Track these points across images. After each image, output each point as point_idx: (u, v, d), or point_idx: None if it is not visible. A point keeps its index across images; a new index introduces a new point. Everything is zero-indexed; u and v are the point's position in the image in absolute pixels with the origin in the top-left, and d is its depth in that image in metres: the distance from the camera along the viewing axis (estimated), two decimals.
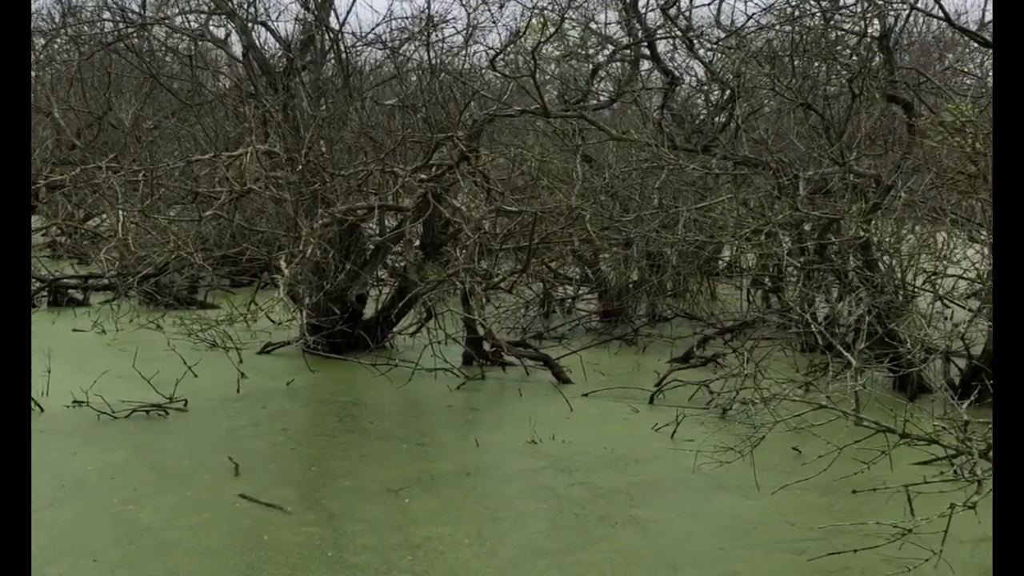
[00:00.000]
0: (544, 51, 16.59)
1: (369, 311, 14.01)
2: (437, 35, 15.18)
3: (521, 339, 13.48)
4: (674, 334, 14.57)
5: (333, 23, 15.19)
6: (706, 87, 15.01)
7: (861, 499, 7.42)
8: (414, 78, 13.91)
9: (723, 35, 13.94)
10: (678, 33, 14.09)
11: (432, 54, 13.88)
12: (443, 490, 8.04)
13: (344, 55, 14.60)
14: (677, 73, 15.11)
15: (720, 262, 17.87)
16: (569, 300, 16.72)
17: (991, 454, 5.91)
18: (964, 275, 12.17)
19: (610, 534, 7.20)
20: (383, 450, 9.15)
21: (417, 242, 13.22)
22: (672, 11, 14.42)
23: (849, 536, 6.87)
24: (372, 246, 13.66)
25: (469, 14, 20.20)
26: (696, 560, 6.79)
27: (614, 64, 17.05)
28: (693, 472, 8.42)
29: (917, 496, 6.52)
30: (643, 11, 14.53)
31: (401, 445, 9.32)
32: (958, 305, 12.51)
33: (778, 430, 7.85)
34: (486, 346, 12.68)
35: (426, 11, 20.51)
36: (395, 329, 13.94)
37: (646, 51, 15.18)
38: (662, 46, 15.42)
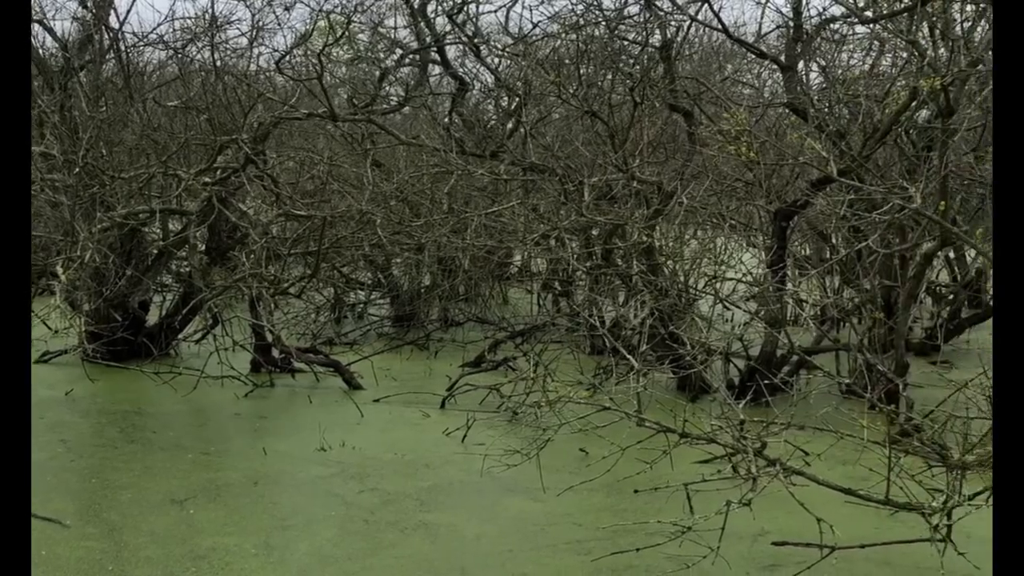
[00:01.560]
0: (334, 55, 16.47)
1: (152, 318, 13.65)
2: (221, 36, 14.86)
3: (311, 345, 13.33)
4: (466, 338, 14.65)
5: (113, 22, 14.76)
6: (495, 93, 15.13)
7: (645, 498, 7.60)
8: (198, 80, 13.58)
9: (511, 42, 14.09)
10: (465, 39, 14.16)
11: (216, 55, 13.58)
12: (229, 500, 7.88)
13: (125, 55, 14.16)
14: (467, 79, 15.19)
15: (512, 267, 18.05)
16: (361, 305, 16.62)
17: (765, 451, 6.12)
18: (743, 279, 12.60)
19: (400, 540, 7.19)
20: (167, 460, 8.91)
21: (202, 247, 12.92)
22: (461, 17, 14.49)
23: (633, 535, 7.02)
24: (155, 251, 13.29)
25: (254, 15, 19.92)
26: (485, 563, 6.84)
27: (405, 69, 17.05)
28: (483, 476, 8.47)
29: (696, 494, 6.70)
30: (432, 16, 14.55)
31: (186, 455, 9.10)
32: (738, 307, 12.94)
33: (568, 432, 7.97)
34: (275, 352, 12.50)
35: (209, 11, 20.06)
36: (180, 336, 13.61)
37: (436, 56, 15.21)
38: (453, 52, 15.49)
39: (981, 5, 10.23)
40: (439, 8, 14.47)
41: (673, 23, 11.87)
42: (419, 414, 10.83)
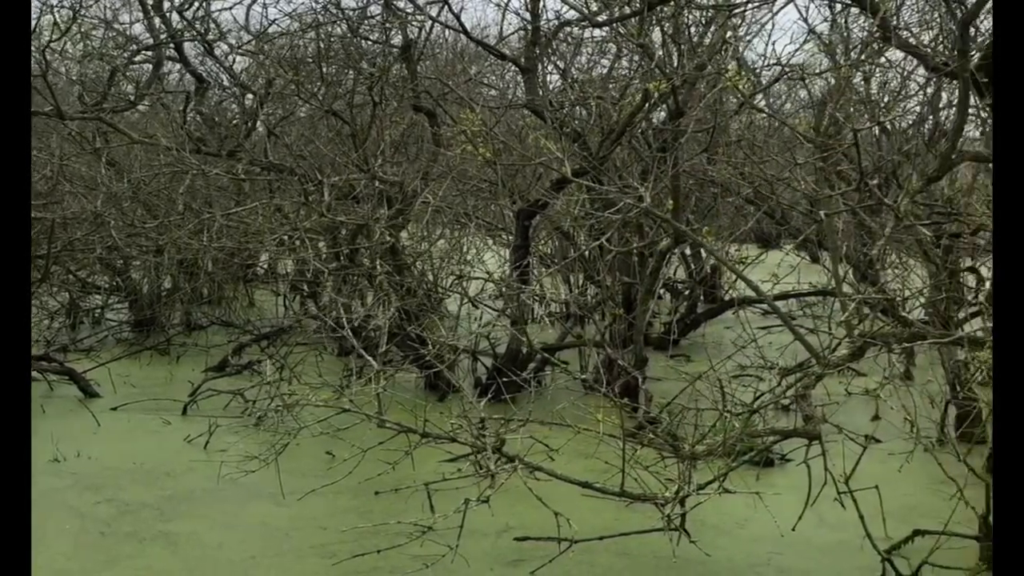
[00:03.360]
0: (68, 51, 15.79)
1: None
2: None
3: (44, 352, 12.72)
4: (210, 342, 14.29)
5: None
6: (236, 91, 14.80)
7: (391, 499, 7.57)
8: None
9: (249, 39, 13.83)
10: (196, 36, 13.81)
11: None
12: None
13: None
14: (207, 76, 14.80)
15: (258, 268, 17.71)
16: (98, 310, 15.99)
17: (505, 448, 6.19)
18: (490, 278, 12.74)
19: (138, 550, 7.01)
20: None
21: None
22: (200, 13, 14.13)
23: (378, 537, 6.99)
24: None
25: None
26: (227, 571, 6.73)
27: (145, 66, 16.46)
28: (226, 482, 8.31)
29: (442, 493, 6.73)
30: (168, 12, 14.11)
31: None
32: (486, 306, 13.09)
33: (314, 436, 7.90)
34: None
35: None
36: None
37: (175, 53, 14.77)
38: (194, 49, 15.04)
39: (710, 12, 10.65)
40: (172, 4, 14.04)
41: (415, 24, 11.89)
42: (159, 421, 10.52)
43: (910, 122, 12.86)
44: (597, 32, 12.15)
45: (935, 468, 7.39)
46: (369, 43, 12.65)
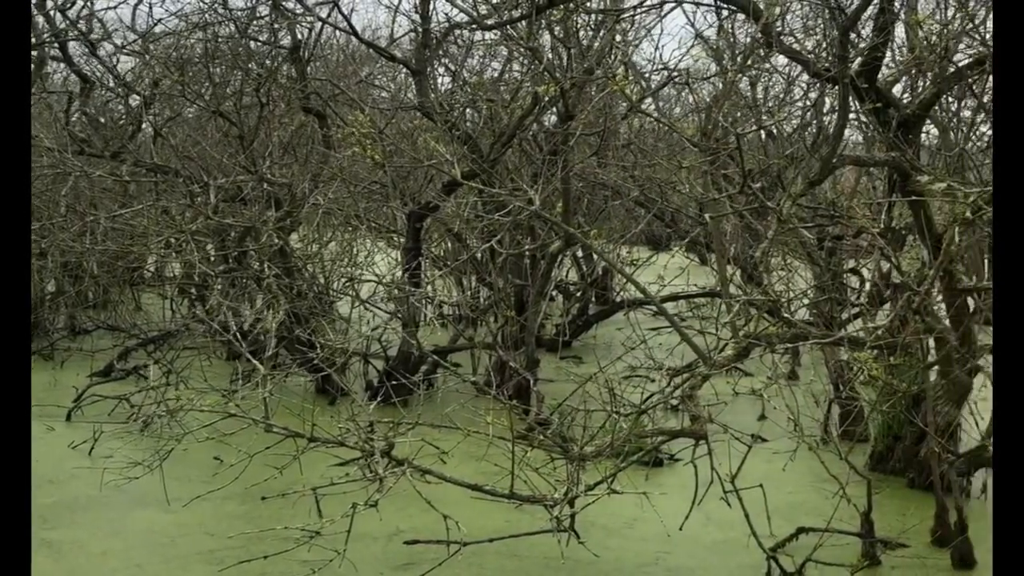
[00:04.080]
0: None
1: None
2: None
3: None
4: (95, 347, 13.99)
5: None
6: (121, 92, 14.49)
7: (279, 505, 7.51)
8: None
9: (134, 39, 13.57)
10: (80, 35, 13.51)
11: None
12: None
13: None
14: (93, 76, 14.48)
15: (145, 271, 17.39)
16: None
17: (394, 451, 6.17)
18: (382, 280, 12.67)
19: None
20: None
21: None
22: (84, 12, 13.84)
23: (265, 542, 6.92)
24: None
25: None
26: None
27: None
28: (111, 489, 8.15)
29: (332, 498, 6.69)
30: (51, 11, 13.78)
31: None
32: (378, 309, 13.01)
33: (199, 440, 7.78)
34: None
35: None
36: None
37: (59, 53, 14.44)
38: (78, 48, 14.70)
39: (599, 17, 10.73)
40: (55, 2, 13.72)
41: (304, 25, 11.79)
42: (43, 428, 10.27)
43: (795, 126, 13.10)
44: (489, 35, 12.16)
45: (819, 466, 7.54)
46: (258, 44, 12.51)
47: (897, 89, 9.68)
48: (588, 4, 10.32)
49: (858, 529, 7.22)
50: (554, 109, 11.63)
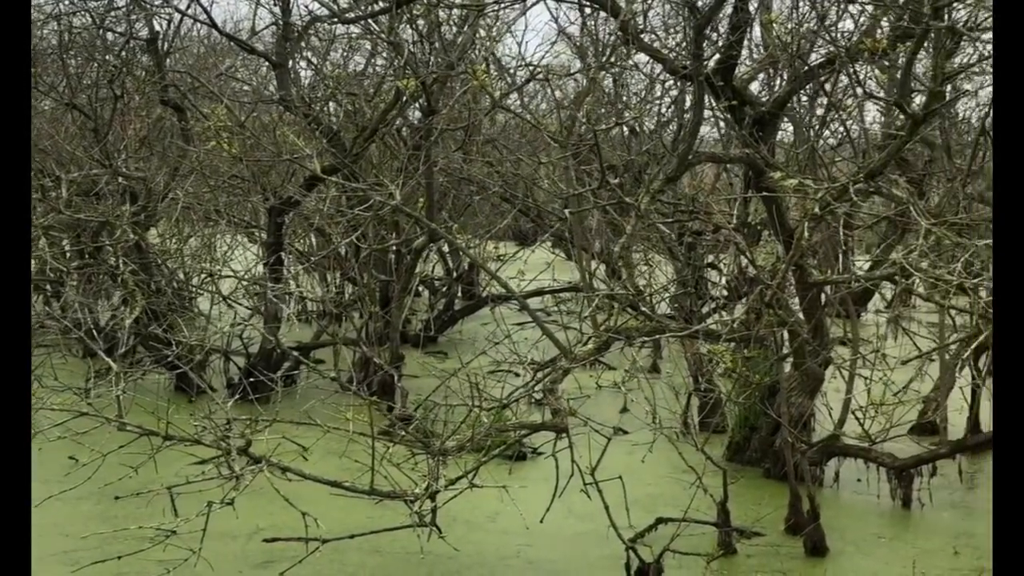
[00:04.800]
0: None
1: None
2: None
3: None
4: None
5: None
6: None
7: (134, 504, 7.36)
8: None
9: None
10: None
11: None
12: None
13: None
14: None
15: None
16: None
17: (251, 449, 6.08)
18: (244, 276, 12.49)
19: None
20: None
21: None
22: None
23: (121, 542, 6.80)
24: None
25: None
26: None
27: None
28: None
29: (189, 496, 6.57)
30: None
31: None
32: (241, 305, 12.81)
33: (50, 440, 7.55)
34: None
35: None
36: None
37: None
38: None
39: (465, 11, 10.73)
40: None
41: (163, 16, 11.56)
42: None
43: (657, 123, 13.28)
44: (354, 28, 12.08)
45: (677, 458, 7.66)
46: (115, 35, 12.21)
47: (756, 87, 9.91)
48: None
49: (715, 519, 7.36)
50: (418, 104, 11.60)
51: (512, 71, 12.62)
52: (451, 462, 6.49)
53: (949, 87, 9.99)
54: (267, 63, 12.17)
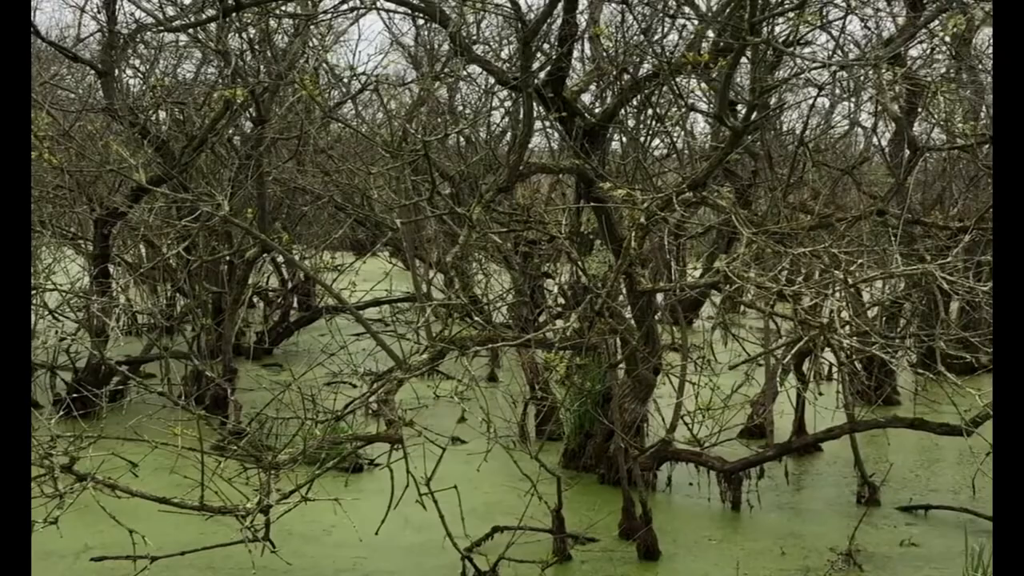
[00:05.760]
0: None
1: None
2: None
3: None
4: None
5: None
6: None
7: None
8: None
9: None
10: None
11: None
12: None
13: None
14: None
15: None
16: None
17: (75, 467, 5.91)
18: (64, 289, 12.10)
19: None
20: None
21: None
22: None
23: None
24: None
25: None
26: None
27: None
28: None
29: None
30: None
31: None
32: (66, 318, 12.44)
33: None
34: None
35: None
36: None
37: None
38: None
39: (292, 21, 10.64)
40: None
41: None
42: None
43: (492, 134, 13.38)
44: (183, 36, 11.84)
45: (513, 466, 7.71)
46: None
47: (588, 99, 10.07)
48: (283, 8, 10.21)
49: (549, 526, 7.43)
50: (248, 113, 11.45)
51: (346, 80, 12.56)
52: (286, 475, 6.41)
53: (774, 99, 10.33)
54: (93, 71, 11.87)
